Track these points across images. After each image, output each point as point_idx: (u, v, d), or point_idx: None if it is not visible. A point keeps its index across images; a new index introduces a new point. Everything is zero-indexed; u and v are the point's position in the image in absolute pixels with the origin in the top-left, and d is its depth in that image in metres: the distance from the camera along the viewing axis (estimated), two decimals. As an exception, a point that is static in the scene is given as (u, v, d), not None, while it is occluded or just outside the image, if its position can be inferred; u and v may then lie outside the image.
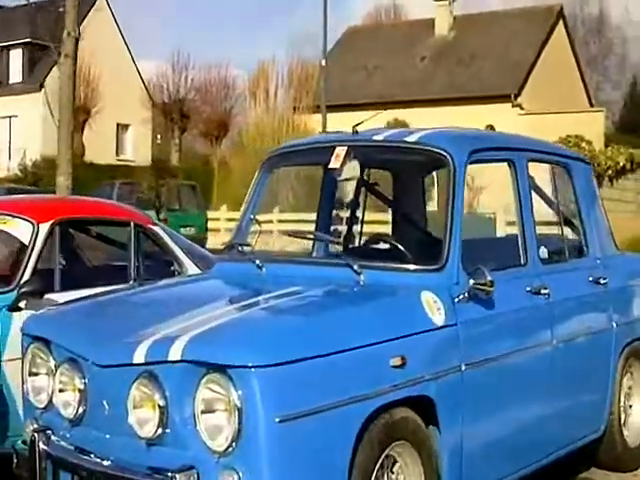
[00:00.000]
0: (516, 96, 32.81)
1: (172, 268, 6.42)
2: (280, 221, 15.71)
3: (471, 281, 4.30)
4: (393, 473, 3.92)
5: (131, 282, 5.91)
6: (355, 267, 4.33)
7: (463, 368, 4.20)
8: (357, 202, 5.68)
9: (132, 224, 6.17)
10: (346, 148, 4.78)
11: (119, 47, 45.05)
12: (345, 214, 5.65)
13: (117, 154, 44.82)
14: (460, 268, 4.35)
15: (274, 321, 3.89)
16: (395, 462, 3.93)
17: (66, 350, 4.05)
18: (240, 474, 3.39)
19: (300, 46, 43.13)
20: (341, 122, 30.75)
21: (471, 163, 4.60)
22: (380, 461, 3.82)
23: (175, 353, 3.55)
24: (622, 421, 5.78)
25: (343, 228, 5.68)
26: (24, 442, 4.33)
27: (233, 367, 3.40)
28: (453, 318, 4.20)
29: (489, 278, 4.29)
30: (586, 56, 43.56)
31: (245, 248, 5.05)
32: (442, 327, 4.14)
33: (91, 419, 3.93)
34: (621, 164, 29.46)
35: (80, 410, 3.96)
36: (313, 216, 5.90)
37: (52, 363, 4.16)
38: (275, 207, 17.76)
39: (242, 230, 5.24)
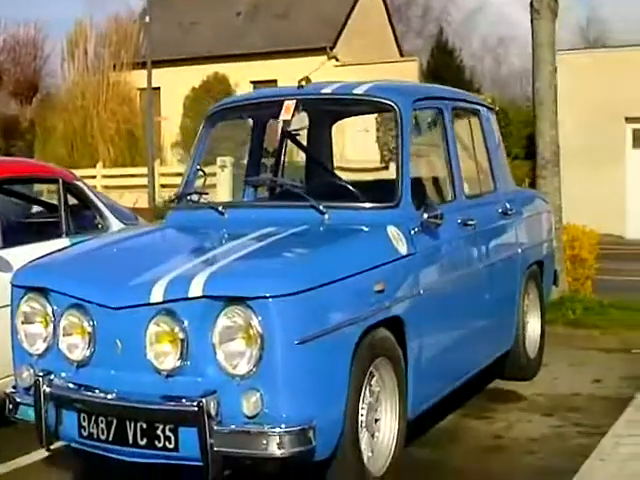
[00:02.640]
0: (331, 48, 33.41)
1: (95, 221, 6.62)
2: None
3: (424, 215, 4.83)
4: (371, 386, 4.41)
5: (63, 236, 6.11)
6: (320, 207, 4.76)
7: (421, 292, 4.76)
8: (281, 151, 6.10)
9: (60, 180, 6.33)
10: (295, 101, 5.17)
11: None
12: (270, 162, 6.07)
13: None
14: (411, 204, 4.88)
15: (276, 257, 4.29)
16: (372, 376, 4.42)
17: (69, 297, 4.21)
18: (261, 392, 3.79)
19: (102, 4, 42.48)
20: (163, 77, 30.28)
21: (413, 110, 5.11)
22: (367, 376, 4.32)
23: (195, 290, 3.88)
24: (524, 336, 6.53)
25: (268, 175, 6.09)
26: (13, 387, 4.49)
27: (253, 298, 3.78)
28: (412, 248, 4.73)
29: (439, 212, 4.85)
30: (391, 7, 44.67)
31: (194, 197, 5.37)
32: (406, 256, 4.67)
33: (100, 359, 4.12)
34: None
35: (87, 352, 4.15)
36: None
37: (50, 310, 4.29)
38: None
39: (190, 181, 5.54)
